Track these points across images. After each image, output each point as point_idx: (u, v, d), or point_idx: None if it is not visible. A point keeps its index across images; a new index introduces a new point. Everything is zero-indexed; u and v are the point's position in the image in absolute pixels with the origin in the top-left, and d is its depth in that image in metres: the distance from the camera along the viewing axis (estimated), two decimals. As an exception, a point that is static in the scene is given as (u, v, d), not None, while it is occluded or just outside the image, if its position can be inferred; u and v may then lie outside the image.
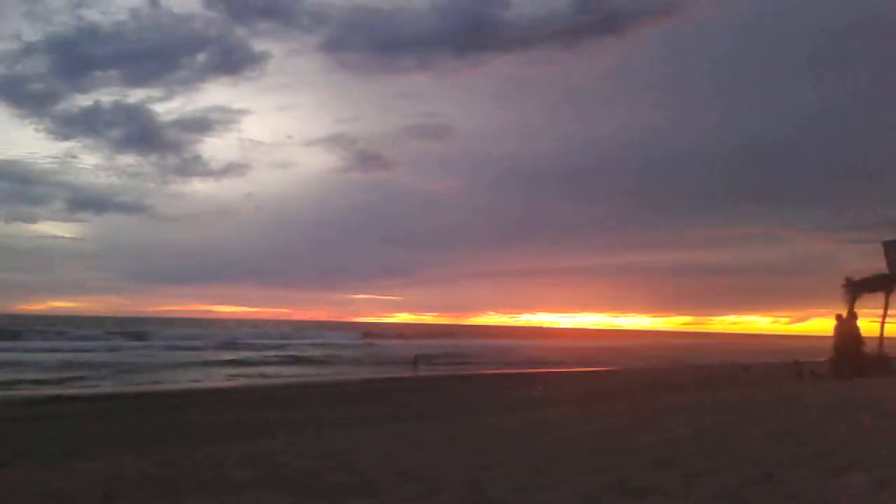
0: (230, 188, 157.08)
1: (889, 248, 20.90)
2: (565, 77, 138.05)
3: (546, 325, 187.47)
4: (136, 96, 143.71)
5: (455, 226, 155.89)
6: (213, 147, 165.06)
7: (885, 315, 21.52)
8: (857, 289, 21.18)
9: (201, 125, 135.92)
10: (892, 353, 20.95)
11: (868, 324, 21.45)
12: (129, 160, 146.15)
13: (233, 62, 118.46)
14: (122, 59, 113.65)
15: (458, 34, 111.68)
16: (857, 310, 20.36)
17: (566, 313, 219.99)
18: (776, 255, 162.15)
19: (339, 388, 22.54)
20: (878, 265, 21.25)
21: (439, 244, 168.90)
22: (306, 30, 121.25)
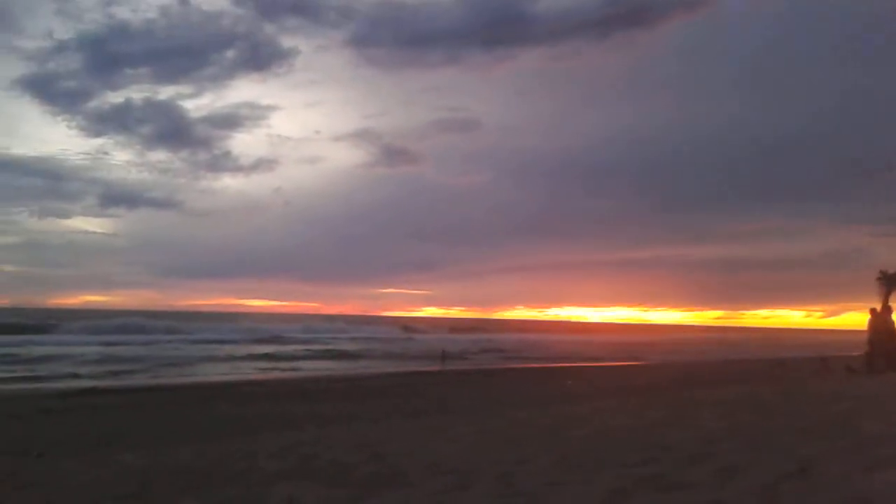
0: (259, 183, 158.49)
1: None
2: (594, 71, 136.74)
3: (575, 320, 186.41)
4: (166, 93, 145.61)
5: (483, 220, 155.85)
6: (243, 143, 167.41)
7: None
8: (892, 282, 20.81)
9: (231, 121, 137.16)
10: None
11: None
12: (160, 156, 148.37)
13: (261, 59, 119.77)
14: (153, 56, 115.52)
15: (485, 28, 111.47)
16: (891, 303, 20.00)
17: (595, 308, 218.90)
18: (810, 249, 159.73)
19: (367, 381, 22.68)
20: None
21: (467, 238, 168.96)
22: (333, 26, 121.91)
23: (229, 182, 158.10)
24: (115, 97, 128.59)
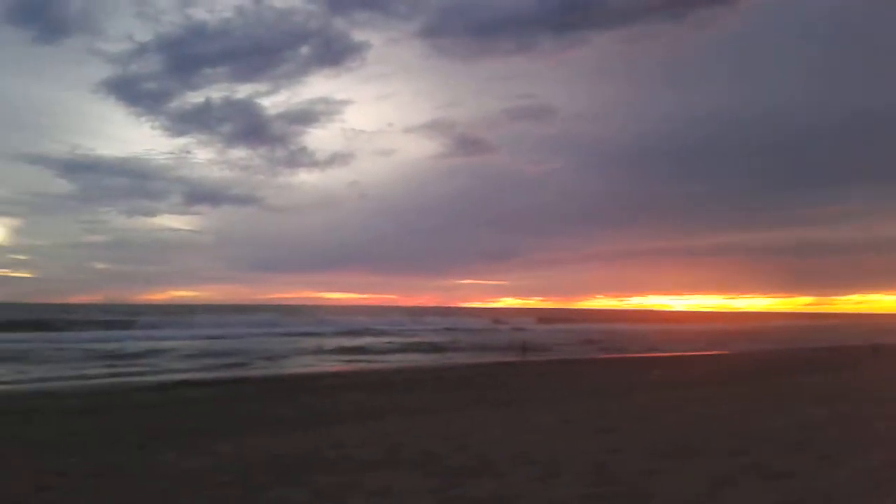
0: (335, 177, 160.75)
1: None
2: (671, 51, 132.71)
3: (657, 308, 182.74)
4: (243, 91, 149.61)
5: (559, 208, 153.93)
6: (318, 138, 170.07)
7: None
8: None
9: (306, 117, 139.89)
10: None
11: None
12: (239, 154, 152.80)
13: (334, 54, 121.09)
14: (230, 55, 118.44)
15: (556, 13, 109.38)
16: None
17: (678, 296, 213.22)
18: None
19: (449, 372, 22.84)
20: None
21: (544, 227, 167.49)
22: (404, 18, 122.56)
23: (306, 177, 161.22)
24: (196, 97, 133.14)
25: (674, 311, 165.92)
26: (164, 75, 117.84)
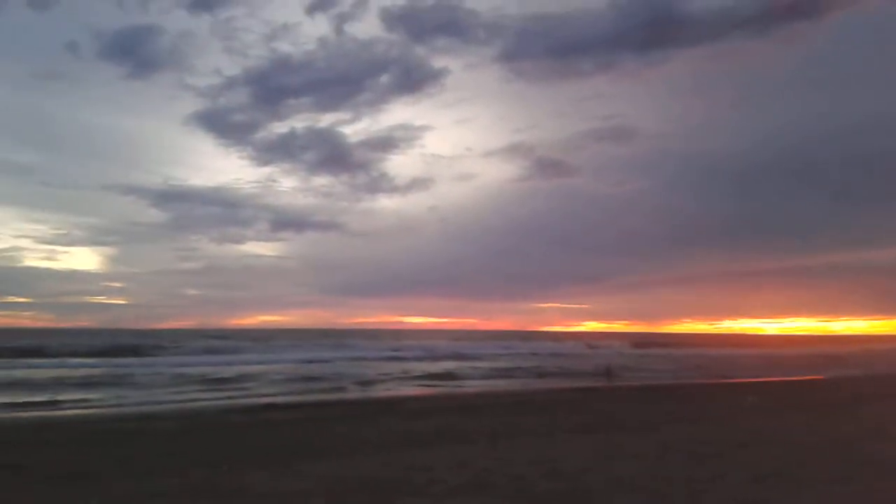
0: (415, 202, 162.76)
1: None
2: (756, 68, 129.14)
3: (749, 332, 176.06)
4: (326, 120, 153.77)
5: (644, 229, 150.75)
6: (398, 164, 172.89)
7: None
8: None
9: (386, 143, 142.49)
10: None
11: None
12: (322, 181, 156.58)
13: (414, 81, 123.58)
14: (313, 86, 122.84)
15: (637, 32, 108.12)
16: None
17: (771, 319, 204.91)
18: None
19: (533, 397, 22.59)
20: None
21: (628, 249, 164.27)
22: (483, 43, 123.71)
23: (386, 202, 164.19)
24: (280, 127, 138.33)
25: (767, 335, 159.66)
26: (250, 107, 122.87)
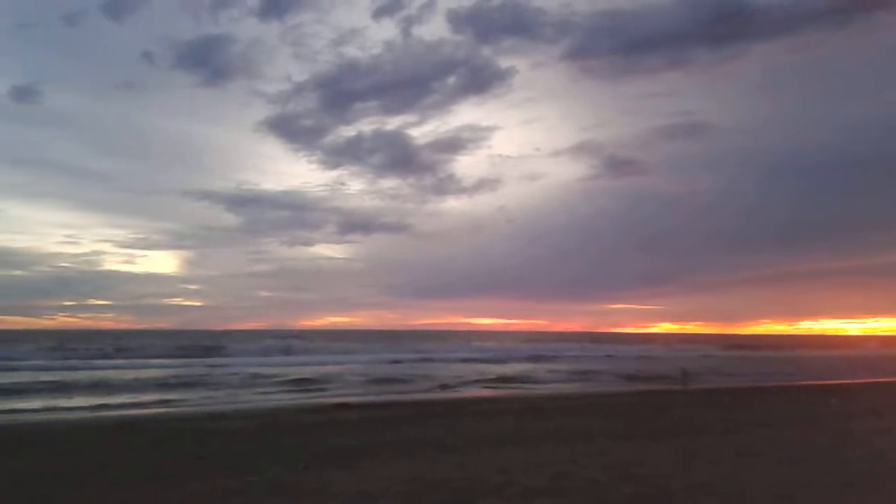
0: (482, 203, 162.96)
1: None
2: (834, 61, 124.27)
3: (830, 333, 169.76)
4: (393, 123, 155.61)
5: (719, 228, 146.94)
6: (465, 165, 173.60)
7: None
8: None
9: (453, 145, 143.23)
10: None
11: None
12: (390, 183, 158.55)
13: (481, 81, 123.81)
14: (380, 89, 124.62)
15: (709, 26, 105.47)
16: None
17: (853, 319, 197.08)
18: None
19: (604, 399, 22.34)
20: None
21: (702, 249, 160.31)
22: (550, 41, 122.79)
23: (454, 204, 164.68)
24: (348, 131, 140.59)
25: (849, 336, 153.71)
26: (319, 112, 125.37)
